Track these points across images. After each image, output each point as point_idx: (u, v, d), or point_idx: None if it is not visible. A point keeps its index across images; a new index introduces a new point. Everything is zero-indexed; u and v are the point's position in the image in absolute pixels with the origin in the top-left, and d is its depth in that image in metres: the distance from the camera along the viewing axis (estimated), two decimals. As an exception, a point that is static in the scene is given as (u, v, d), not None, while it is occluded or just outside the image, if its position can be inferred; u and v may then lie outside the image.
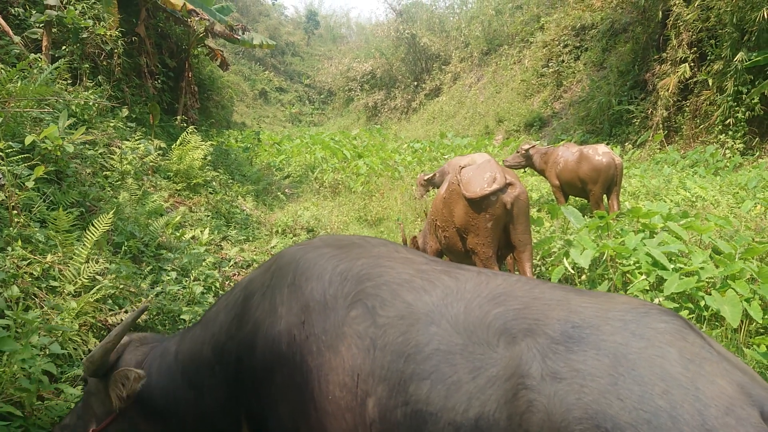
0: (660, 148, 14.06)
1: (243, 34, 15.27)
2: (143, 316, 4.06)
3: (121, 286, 4.26)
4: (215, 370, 2.23)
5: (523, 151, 9.90)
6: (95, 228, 4.30)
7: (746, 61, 11.41)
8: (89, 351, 3.58)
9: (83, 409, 2.48)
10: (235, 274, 6.16)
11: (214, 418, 2.30)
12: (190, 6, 11.88)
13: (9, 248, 3.79)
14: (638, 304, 1.53)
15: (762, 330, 4.22)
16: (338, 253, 2.12)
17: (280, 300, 2.05)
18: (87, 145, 6.49)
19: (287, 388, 1.99)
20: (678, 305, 4.48)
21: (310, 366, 1.92)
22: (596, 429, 1.28)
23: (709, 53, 13.20)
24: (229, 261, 6.46)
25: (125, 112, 8.99)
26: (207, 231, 6.85)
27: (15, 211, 4.14)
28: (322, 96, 44.54)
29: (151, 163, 8.29)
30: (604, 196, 8.29)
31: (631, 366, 1.33)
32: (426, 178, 10.70)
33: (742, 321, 4.03)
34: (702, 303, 4.37)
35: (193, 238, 6.63)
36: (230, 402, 2.24)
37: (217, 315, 2.30)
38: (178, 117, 13.54)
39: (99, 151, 6.71)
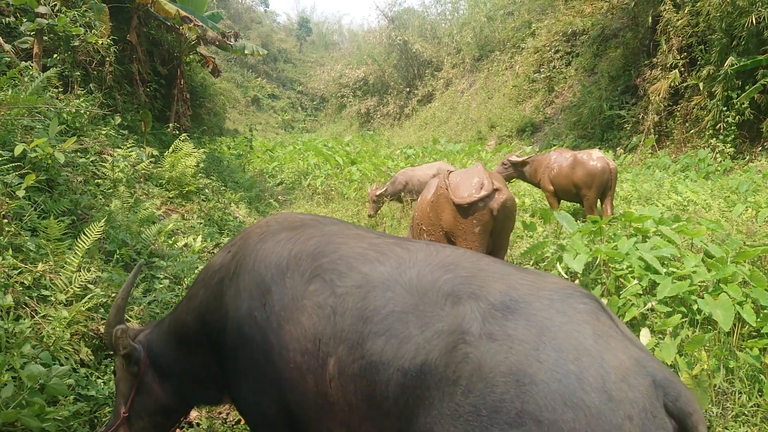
0: (651, 153, 14.15)
1: (235, 41, 15.28)
2: (135, 324, 4.03)
3: (113, 295, 4.23)
4: (198, 332, 2.56)
5: (509, 163, 9.74)
6: (87, 236, 4.27)
7: (735, 65, 11.51)
8: (81, 360, 3.55)
9: (116, 400, 2.79)
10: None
11: (205, 381, 2.65)
12: (183, 13, 11.87)
13: (0, 257, 3.75)
14: (565, 286, 1.79)
15: (754, 333, 4.23)
16: (293, 235, 2.36)
17: (243, 286, 2.30)
18: (78, 153, 6.46)
19: (249, 366, 2.25)
20: (671, 309, 4.49)
21: (271, 342, 2.15)
22: (516, 383, 1.53)
23: (699, 58, 13.32)
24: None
25: (117, 119, 8.96)
26: (200, 238, 6.81)
27: (6, 220, 4.11)
28: (314, 102, 44.58)
29: (143, 171, 8.25)
30: (598, 200, 8.31)
31: (552, 336, 1.59)
32: (378, 192, 9.92)
33: (734, 324, 4.05)
34: (695, 307, 4.38)
35: (185, 245, 6.59)
36: (212, 367, 2.56)
37: (197, 291, 2.59)
38: (170, 124, 13.51)
39: (90, 159, 6.68)
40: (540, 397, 1.49)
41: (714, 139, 12.40)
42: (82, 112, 7.35)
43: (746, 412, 3.69)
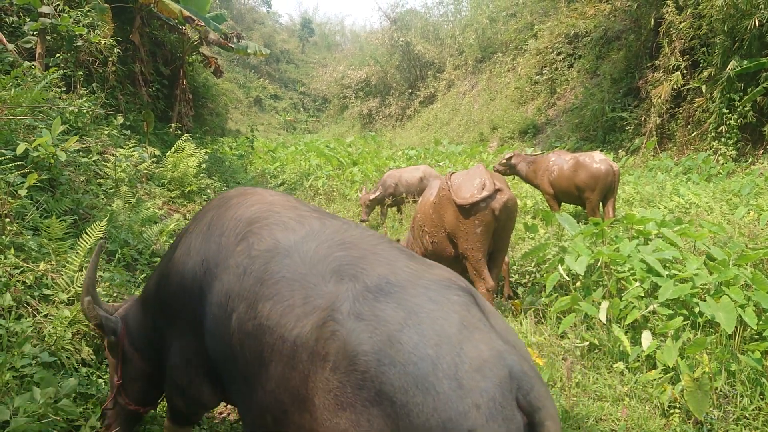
0: (653, 155, 14.13)
1: (237, 42, 15.28)
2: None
3: (115, 294, 4.23)
4: (155, 298, 2.78)
5: (504, 161, 9.89)
6: (88, 236, 4.27)
7: (737, 68, 11.49)
8: (82, 360, 3.55)
9: (109, 370, 3.06)
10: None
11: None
12: (186, 13, 11.87)
13: (1, 256, 3.76)
14: (445, 278, 1.85)
15: (756, 336, 4.23)
16: (242, 201, 2.54)
17: (194, 244, 2.50)
18: (80, 153, 6.46)
19: (185, 324, 2.46)
20: (672, 311, 4.48)
21: (205, 294, 2.32)
22: (377, 362, 1.58)
23: (702, 61, 13.31)
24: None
25: (119, 119, 8.96)
26: (201, 238, 6.80)
27: (8, 219, 4.11)
28: (316, 103, 44.60)
29: (145, 171, 8.25)
30: (600, 203, 8.30)
31: (418, 321, 1.64)
32: (372, 197, 9.70)
33: (736, 327, 4.04)
34: (696, 309, 4.37)
35: (187, 245, 6.58)
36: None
37: (162, 257, 2.83)
38: (173, 124, 13.52)
39: (93, 159, 6.68)
40: (396, 378, 1.54)
41: (716, 141, 12.38)
42: (84, 111, 7.36)
43: (748, 416, 3.68)
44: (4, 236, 3.94)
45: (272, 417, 2.00)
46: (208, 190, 9.87)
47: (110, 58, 9.90)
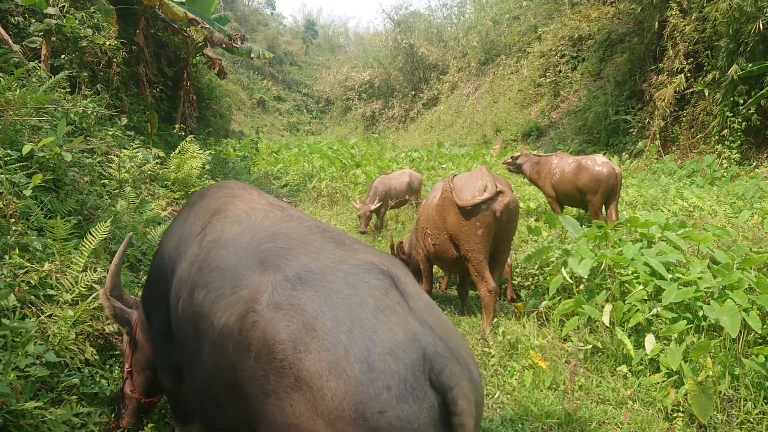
0: (657, 158, 14.10)
1: (241, 43, 15.31)
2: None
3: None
4: (155, 279, 2.82)
5: (510, 159, 10.04)
6: (93, 236, 4.28)
7: (740, 71, 11.47)
8: (86, 360, 3.56)
9: (123, 358, 3.22)
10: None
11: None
12: (190, 15, 11.91)
13: (6, 257, 3.77)
14: (368, 262, 1.88)
15: (760, 340, 4.22)
16: (216, 192, 2.72)
17: (175, 227, 2.67)
18: (85, 154, 6.49)
19: (162, 298, 2.55)
20: (676, 315, 4.48)
21: (174, 274, 2.44)
22: (294, 350, 1.63)
23: (706, 64, 13.28)
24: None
25: (123, 120, 8.99)
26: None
27: (12, 220, 4.13)
28: (320, 105, 44.64)
29: (149, 172, 8.28)
30: (602, 206, 8.29)
31: (334, 307, 1.68)
32: (374, 207, 9.46)
33: (740, 331, 4.03)
34: (700, 313, 4.36)
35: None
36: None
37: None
38: (177, 126, 13.56)
39: (97, 160, 6.71)
40: (311, 364, 1.59)
41: (720, 144, 12.35)
42: (89, 112, 7.38)
43: (751, 419, 3.67)
44: (8, 236, 3.95)
45: (210, 404, 2.06)
46: (212, 192, 9.86)
47: (115, 60, 9.93)
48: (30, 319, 3.39)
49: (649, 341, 4.27)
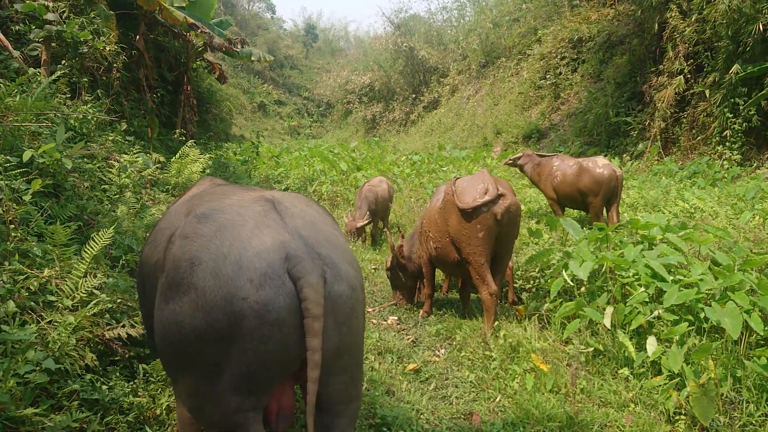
0: (658, 160, 14.08)
1: (242, 47, 15.33)
2: (140, 330, 4.02)
3: (119, 301, 4.23)
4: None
5: (512, 159, 10.05)
6: (93, 242, 4.28)
7: (740, 73, 11.46)
8: (86, 366, 3.55)
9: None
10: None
11: None
12: (190, 20, 11.93)
13: (6, 263, 3.77)
14: (258, 196, 2.41)
15: (762, 342, 4.20)
16: (199, 183, 3.26)
17: (173, 207, 2.95)
18: (85, 159, 6.49)
19: (147, 277, 2.76)
20: (677, 317, 4.46)
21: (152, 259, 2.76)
22: (191, 265, 2.10)
23: (706, 65, 13.28)
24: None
25: (124, 125, 9.00)
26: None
27: (12, 225, 4.13)
28: (320, 108, 44.64)
29: (149, 177, 8.27)
30: (603, 208, 8.28)
31: (224, 231, 2.16)
32: (362, 224, 9.26)
33: (741, 333, 4.02)
34: (702, 315, 4.35)
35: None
36: None
37: None
38: (177, 130, 13.58)
39: (97, 165, 6.71)
40: (200, 272, 2.07)
41: (721, 146, 12.33)
42: (89, 118, 7.39)
43: (754, 422, 3.66)
44: (8, 242, 3.95)
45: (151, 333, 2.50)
46: (212, 196, 9.86)
47: (115, 65, 9.96)
48: (30, 325, 3.38)
49: (651, 343, 4.25)
